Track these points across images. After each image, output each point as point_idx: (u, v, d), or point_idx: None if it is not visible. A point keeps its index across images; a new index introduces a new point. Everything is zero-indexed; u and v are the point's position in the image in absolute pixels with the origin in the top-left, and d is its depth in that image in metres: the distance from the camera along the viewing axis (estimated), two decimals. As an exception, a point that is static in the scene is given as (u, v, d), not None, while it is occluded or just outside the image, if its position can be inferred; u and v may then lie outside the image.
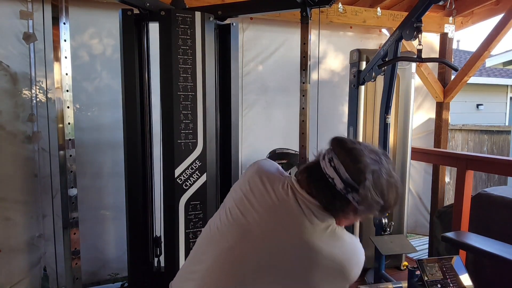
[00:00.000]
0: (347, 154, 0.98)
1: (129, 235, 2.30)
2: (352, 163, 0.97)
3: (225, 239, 1.04)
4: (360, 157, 0.97)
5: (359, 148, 1.00)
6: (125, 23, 2.17)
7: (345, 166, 0.97)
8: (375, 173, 0.96)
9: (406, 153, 3.06)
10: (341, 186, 0.97)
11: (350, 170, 0.96)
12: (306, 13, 2.25)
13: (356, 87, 2.96)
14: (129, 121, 2.22)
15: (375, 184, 0.95)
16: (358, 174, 0.95)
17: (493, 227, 2.71)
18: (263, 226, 1.00)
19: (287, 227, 0.98)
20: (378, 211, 0.99)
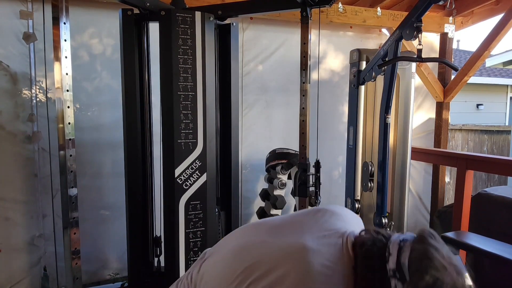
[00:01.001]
0: (421, 253, 0.84)
1: (129, 235, 2.30)
2: (419, 261, 0.83)
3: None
4: (432, 262, 0.82)
5: (438, 254, 0.84)
6: (125, 23, 2.17)
7: (410, 260, 0.84)
8: (438, 281, 0.80)
9: (406, 153, 3.06)
10: (392, 267, 0.85)
11: (413, 264, 0.83)
12: (306, 13, 2.25)
13: (356, 87, 2.96)
14: (129, 121, 2.22)
15: (424, 274, 0.81)
16: (418, 265, 0.82)
17: (493, 227, 2.71)
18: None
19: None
20: None
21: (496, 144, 7.13)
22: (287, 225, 1.04)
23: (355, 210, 3.02)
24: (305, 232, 0.97)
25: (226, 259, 1.01)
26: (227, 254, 1.03)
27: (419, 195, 4.15)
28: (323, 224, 1.00)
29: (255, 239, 1.02)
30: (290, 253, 0.91)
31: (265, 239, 1.00)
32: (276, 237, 0.99)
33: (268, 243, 0.98)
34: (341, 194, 3.29)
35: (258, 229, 1.08)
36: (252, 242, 1.02)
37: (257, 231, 1.07)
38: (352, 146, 3.03)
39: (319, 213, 1.05)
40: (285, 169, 3.05)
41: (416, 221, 4.13)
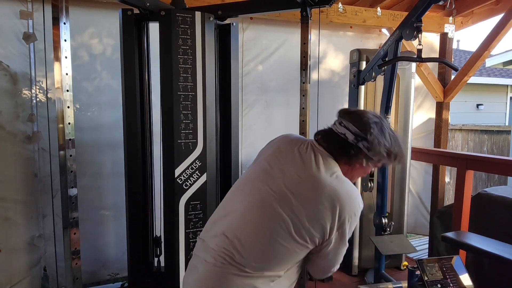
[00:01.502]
0: (353, 115, 1.24)
1: (129, 235, 2.30)
2: (358, 119, 1.20)
3: (254, 185, 1.24)
4: (364, 115, 1.23)
5: (362, 110, 1.30)
6: (125, 23, 2.17)
7: (353, 123, 1.20)
8: (378, 124, 1.20)
9: (406, 153, 3.06)
10: (352, 138, 1.19)
11: (357, 124, 1.19)
12: (306, 13, 2.25)
13: (356, 87, 2.96)
14: (129, 121, 2.22)
15: (379, 133, 1.19)
16: (364, 126, 1.18)
17: (493, 227, 2.71)
18: (285, 173, 1.20)
19: (302, 169, 1.19)
20: (386, 157, 1.20)
21: (496, 144, 7.13)
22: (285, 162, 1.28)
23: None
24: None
25: None
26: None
27: (419, 195, 4.15)
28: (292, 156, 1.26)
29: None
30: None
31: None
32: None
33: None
34: (341, 194, 3.28)
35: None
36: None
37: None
38: (352, 146, 3.03)
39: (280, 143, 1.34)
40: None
41: (416, 221, 4.13)
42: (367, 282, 2.95)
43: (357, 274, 3.10)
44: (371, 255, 2.97)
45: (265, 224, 1.16)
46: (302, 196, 1.15)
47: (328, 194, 1.13)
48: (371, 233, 2.89)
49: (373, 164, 1.24)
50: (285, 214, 1.13)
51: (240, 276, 1.15)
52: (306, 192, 1.15)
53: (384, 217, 2.53)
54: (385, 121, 1.25)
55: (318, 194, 1.13)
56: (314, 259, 1.24)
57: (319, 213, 1.13)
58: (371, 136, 1.16)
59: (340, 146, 1.21)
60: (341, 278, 3.07)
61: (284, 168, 1.21)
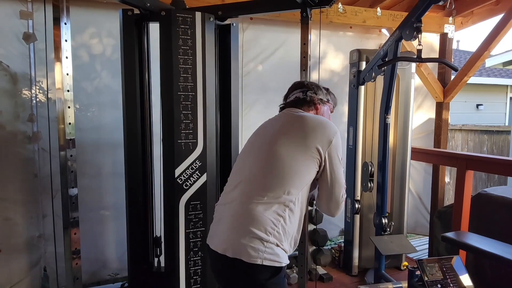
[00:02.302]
0: (293, 87, 1.74)
1: (129, 235, 2.30)
2: (297, 86, 1.71)
3: (254, 145, 1.59)
4: (298, 82, 1.76)
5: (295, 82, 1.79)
6: (125, 23, 2.17)
7: (295, 88, 1.71)
8: (313, 83, 1.72)
9: (406, 153, 3.06)
10: (301, 94, 1.65)
11: (298, 88, 1.69)
12: (306, 13, 2.25)
13: (356, 87, 2.96)
14: (129, 121, 2.22)
15: (314, 84, 1.69)
16: (302, 85, 1.70)
17: (493, 227, 2.71)
18: (273, 126, 1.56)
19: (286, 117, 1.57)
20: (328, 96, 1.71)
21: (496, 144, 7.13)
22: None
23: (355, 210, 3.02)
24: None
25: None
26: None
27: (419, 195, 4.15)
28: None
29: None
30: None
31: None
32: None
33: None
34: (341, 194, 3.28)
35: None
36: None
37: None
38: (352, 146, 3.03)
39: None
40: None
41: (416, 221, 4.13)
42: (367, 282, 2.95)
43: (357, 274, 3.10)
44: (371, 255, 2.97)
45: (273, 154, 1.44)
46: (294, 128, 1.48)
47: (310, 121, 1.49)
48: (371, 233, 2.89)
49: (325, 103, 1.68)
50: (285, 144, 1.44)
51: (261, 203, 1.37)
52: (296, 126, 1.49)
53: (384, 217, 2.53)
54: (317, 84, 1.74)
55: (305, 123, 1.48)
56: (321, 187, 1.50)
57: (310, 135, 1.44)
58: (311, 86, 1.67)
59: (299, 102, 1.63)
60: (341, 278, 3.07)
61: (272, 127, 1.56)
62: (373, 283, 2.74)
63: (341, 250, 3.25)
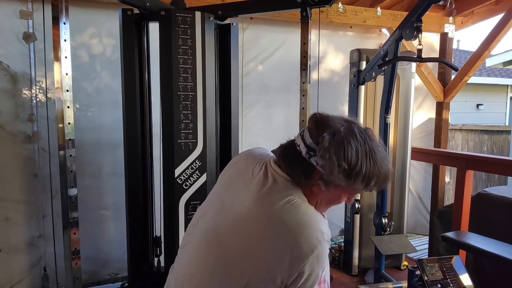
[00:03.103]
0: (314, 122, 0.97)
1: (129, 235, 2.30)
2: (315, 127, 0.94)
3: (207, 214, 1.08)
4: (329, 120, 0.95)
5: (329, 116, 0.97)
6: (125, 23, 2.17)
7: (310, 132, 0.95)
8: (336, 133, 0.90)
9: (406, 153, 3.06)
10: (304, 151, 0.94)
11: (313, 134, 0.94)
12: (306, 13, 2.25)
13: (356, 87, 2.96)
14: (129, 121, 2.22)
15: (337, 144, 0.89)
16: (318, 134, 0.92)
17: (493, 227, 2.71)
18: (235, 199, 1.02)
19: (248, 199, 0.97)
20: (344, 177, 0.89)
21: (496, 144, 7.13)
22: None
23: (355, 210, 3.02)
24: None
25: None
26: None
27: (419, 195, 4.15)
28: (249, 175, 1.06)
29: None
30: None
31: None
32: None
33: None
34: (341, 194, 3.28)
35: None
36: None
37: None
38: (352, 146, 3.02)
39: (240, 162, 1.14)
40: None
41: (416, 221, 4.13)
42: (367, 282, 2.95)
43: (357, 274, 3.09)
44: (371, 255, 2.97)
45: (224, 255, 0.97)
46: (244, 238, 0.94)
47: (275, 231, 0.90)
48: (371, 233, 2.89)
49: (338, 188, 0.95)
50: (228, 258, 0.95)
51: None
52: (248, 231, 0.94)
53: (384, 217, 2.53)
54: (355, 129, 0.93)
55: (262, 233, 0.92)
56: None
57: (266, 257, 0.90)
58: (321, 150, 0.89)
59: (294, 162, 0.96)
60: (341, 278, 3.07)
61: (234, 198, 1.02)
62: (373, 283, 2.73)
63: (341, 250, 3.25)
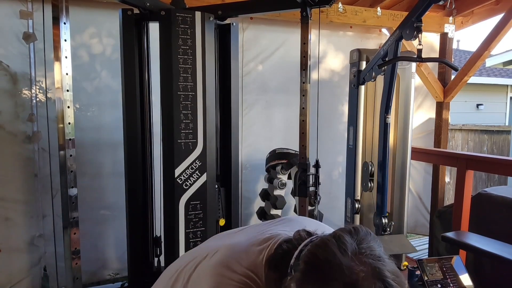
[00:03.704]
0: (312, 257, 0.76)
1: (129, 235, 2.30)
2: (308, 254, 0.78)
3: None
4: (321, 254, 0.75)
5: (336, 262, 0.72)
6: (125, 23, 2.17)
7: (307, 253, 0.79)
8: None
9: (406, 153, 3.06)
10: (292, 261, 0.81)
11: (301, 258, 0.78)
12: (306, 13, 2.25)
13: (356, 87, 2.96)
14: (129, 121, 2.22)
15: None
16: (305, 263, 0.76)
17: (493, 227, 2.71)
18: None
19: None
20: None
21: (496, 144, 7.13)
22: (239, 231, 1.08)
23: (355, 210, 3.02)
24: (242, 234, 1.02)
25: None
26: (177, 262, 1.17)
27: (419, 195, 4.15)
28: (266, 229, 0.99)
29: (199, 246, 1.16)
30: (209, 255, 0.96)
31: (204, 245, 1.13)
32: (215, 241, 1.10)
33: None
34: (341, 194, 3.29)
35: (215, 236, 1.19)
36: (195, 248, 1.17)
37: (212, 238, 1.17)
38: (352, 146, 3.03)
39: (278, 220, 1.07)
40: (285, 169, 3.05)
41: (416, 221, 4.12)
42: (367, 282, 2.94)
43: (357, 274, 3.09)
44: (371, 255, 2.97)
45: None
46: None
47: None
48: (371, 233, 2.89)
49: None
50: None
51: None
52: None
53: (384, 217, 2.53)
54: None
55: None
56: None
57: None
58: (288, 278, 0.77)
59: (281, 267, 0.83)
60: (341, 278, 3.06)
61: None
62: (373, 283, 2.73)
63: (341, 250, 3.24)
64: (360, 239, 0.75)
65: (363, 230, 0.78)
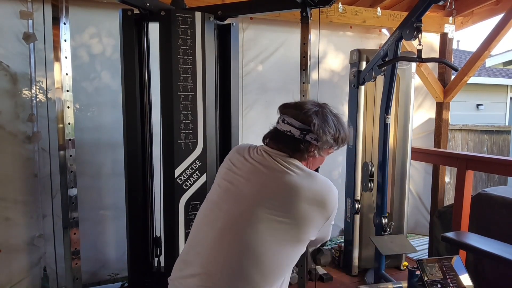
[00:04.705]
0: (292, 108, 1.23)
1: (129, 235, 2.30)
2: (298, 112, 1.20)
3: (221, 208, 1.18)
4: (304, 106, 1.22)
5: (301, 101, 1.32)
6: (125, 23, 2.17)
7: (295, 117, 1.20)
8: (319, 113, 1.20)
9: (406, 153, 3.06)
10: (298, 133, 1.18)
11: (299, 118, 1.19)
12: (306, 13, 2.25)
13: (356, 87, 2.96)
14: (129, 121, 2.22)
15: (322, 121, 1.19)
16: (306, 118, 1.18)
17: (493, 227, 2.71)
18: (250, 184, 1.17)
19: (270, 177, 1.15)
20: (334, 143, 1.21)
21: (496, 144, 7.13)
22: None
23: (355, 210, 3.02)
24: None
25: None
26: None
27: (419, 195, 4.15)
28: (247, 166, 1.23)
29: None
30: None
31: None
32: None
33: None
34: (341, 194, 3.29)
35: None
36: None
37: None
38: (352, 146, 3.03)
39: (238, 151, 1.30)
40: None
41: (416, 221, 4.13)
42: (367, 282, 2.95)
43: (357, 274, 3.09)
44: (371, 255, 2.97)
45: (247, 247, 1.09)
46: (283, 205, 1.11)
47: (308, 196, 1.11)
48: (371, 233, 2.89)
49: (325, 152, 1.24)
50: (266, 232, 1.09)
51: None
52: (285, 201, 1.11)
53: (384, 217, 2.53)
54: (326, 107, 1.26)
55: (299, 199, 1.10)
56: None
57: (305, 223, 1.11)
58: (315, 127, 1.16)
59: (290, 144, 1.19)
60: (341, 278, 3.07)
61: (247, 183, 1.17)
62: (373, 283, 2.73)
63: (341, 250, 3.25)
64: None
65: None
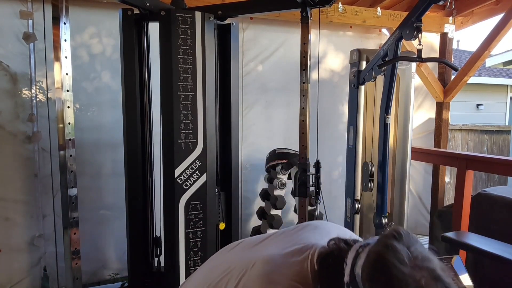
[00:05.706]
0: (374, 263, 0.78)
1: (129, 235, 2.30)
2: (372, 261, 0.78)
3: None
4: (385, 262, 0.76)
5: (401, 266, 0.74)
6: (125, 23, 2.17)
7: (363, 271, 0.79)
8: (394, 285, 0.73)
9: (406, 153, 3.06)
10: (347, 279, 0.81)
11: (364, 276, 0.78)
12: (306, 13, 2.25)
13: (356, 87, 2.96)
14: (129, 121, 2.22)
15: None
16: (370, 273, 0.77)
17: (493, 227, 2.71)
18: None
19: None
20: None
21: (496, 144, 7.13)
22: (262, 241, 1.06)
23: (355, 210, 3.02)
24: (271, 246, 1.00)
25: (196, 281, 1.08)
26: (199, 276, 1.10)
27: (419, 195, 4.15)
28: (295, 238, 0.98)
29: (222, 258, 1.09)
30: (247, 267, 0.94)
31: (230, 257, 1.07)
32: (243, 253, 1.05)
33: (233, 259, 1.04)
34: (341, 194, 3.29)
35: (233, 247, 1.13)
36: (219, 261, 1.09)
37: (231, 249, 1.12)
38: (352, 146, 3.03)
39: (300, 227, 1.07)
40: (285, 169, 3.05)
41: (416, 221, 4.12)
42: (367, 282, 2.94)
43: (357, 274, 3.09)
44: (371, 255, 2.97)
45: None
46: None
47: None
48: (371, 233, 2.89)
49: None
50: None
51: None
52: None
53: (384, 217, 2.53)
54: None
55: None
56: None
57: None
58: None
59: (331, 274, 0.86)
60: (341, 278, 3.06)
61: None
62: (373, 283, 2.73)
63: (341, 250, 3.24)
64: (407, 243, 0.77)
65: (404, 232, 0.80)
